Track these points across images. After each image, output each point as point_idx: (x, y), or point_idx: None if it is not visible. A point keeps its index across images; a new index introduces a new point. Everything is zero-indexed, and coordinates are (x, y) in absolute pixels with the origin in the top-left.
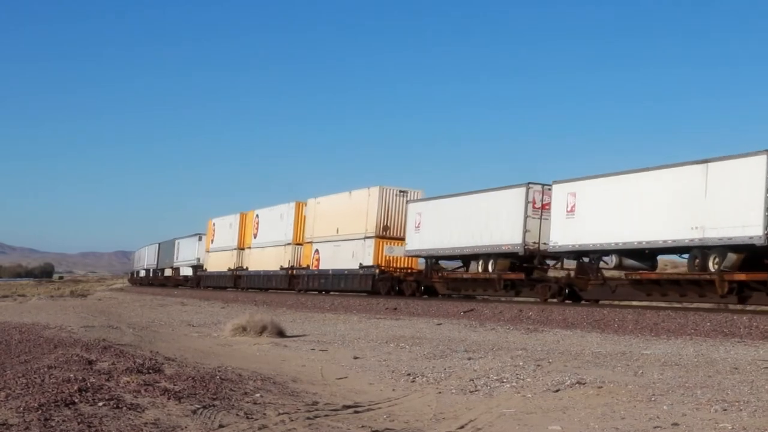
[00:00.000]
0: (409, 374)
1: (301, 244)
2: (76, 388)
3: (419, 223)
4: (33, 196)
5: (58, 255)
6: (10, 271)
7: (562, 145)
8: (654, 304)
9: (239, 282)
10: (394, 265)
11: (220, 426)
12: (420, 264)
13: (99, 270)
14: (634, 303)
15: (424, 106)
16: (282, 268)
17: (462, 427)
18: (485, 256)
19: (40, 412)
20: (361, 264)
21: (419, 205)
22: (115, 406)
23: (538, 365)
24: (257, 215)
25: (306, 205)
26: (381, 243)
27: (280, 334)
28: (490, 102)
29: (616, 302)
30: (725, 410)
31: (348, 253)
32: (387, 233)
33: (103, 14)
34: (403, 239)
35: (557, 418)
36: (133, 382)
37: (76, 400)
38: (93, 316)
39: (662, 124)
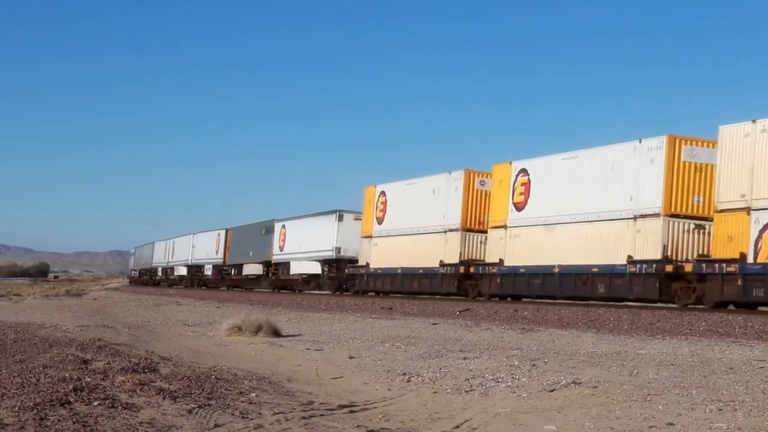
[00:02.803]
0: (404, 374)
1: (700, 219)
2: (71, 387)
3: None
4: (28, 195)
5: (54, 254)
6: (6, 271)
7: (561, 143)
8: (650, 303)
9: (480, 285)
10: None
11: (216, 425)
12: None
13: (94, 269)
14: (629, 304)
15: (428, 106)
16: (631, 262)
17: (457, 426)
18: None
19: (35, 411)
20: None
21: None
22: (110, 405)
23: (534, 365)
24: (523, 170)
25: (719, 140)
26: None
27: (276, 333)
28: (490, 101)
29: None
30: (720, 410)
31: None
32: None
33: (103, 14)
34: None
35: (552, 418)
36: (128, 381)
37: (72, 400)
38: (88, 315)
39: (662, 124)
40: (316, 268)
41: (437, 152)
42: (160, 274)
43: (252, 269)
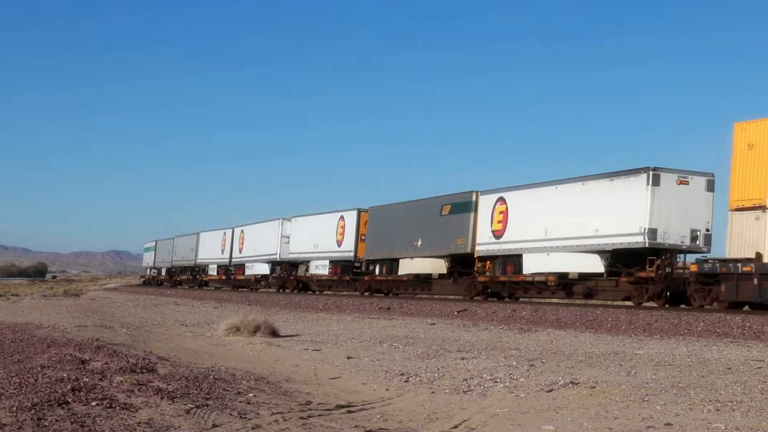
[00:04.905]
0: (402, 374)
1: None
2: (69, 387)
3: None
4: (27, 195)
5: (51, 254)
6: (3, 271)
7: (562, 145)
8: (647, 303)
9: None
10: None
11: (214, 426)
12: None
13: (92, 270)
14: (627, 303)
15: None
16: None
17: (455, 426)
18: None
19: (33, 411)
20: None
21: None
22: (108, 405)
23: (532, 365)
24: None
25: None
26: None
27: (274, 333)
28: (492, 101)
29: (608, 302)
30: (718, 410)
31: None
32: None
33: (103, 14)
34: None
35: (550, 418)
36: (126, 381)
37: (69, 400)
38: (86, 315)
39: (664, 124)
40: (591, 265)
41: (443, 153)
42: (213, 272)
43: (420, 266)
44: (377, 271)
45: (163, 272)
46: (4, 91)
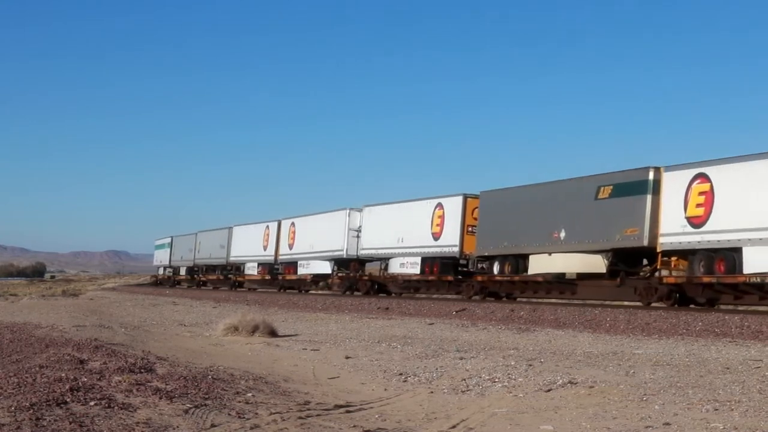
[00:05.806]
0: (401, 374)
1: None
2: (67, 387)
3: None
4: (25, 195)
5: (50, 254)
6: (2, 271)
7: (564, 145)
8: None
9: None
10: None
11: (212, 425)
12: None
13: (90, 269)
14: (626, 303)
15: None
16: None
17: (454, 426)
18: None
19: (31, 411)
20: None
21: None
22: (106, 405)
23: (530, 365)
24: None
25: None
26: None
27: (272, 333)
28: (492, 102)
29: (607, 302)
30: (716, 410)
31: None
32: None
33: (103, 14)
34: None
35: (549, 418)
36: (124, 381)
37: (68, 400)
38: (85, 315)
39: (665, 125)
40: None
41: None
42: (252, 271)
43: (563, 263)
44: (496, 270)
45: (182, 271)
46: (4, 91)
